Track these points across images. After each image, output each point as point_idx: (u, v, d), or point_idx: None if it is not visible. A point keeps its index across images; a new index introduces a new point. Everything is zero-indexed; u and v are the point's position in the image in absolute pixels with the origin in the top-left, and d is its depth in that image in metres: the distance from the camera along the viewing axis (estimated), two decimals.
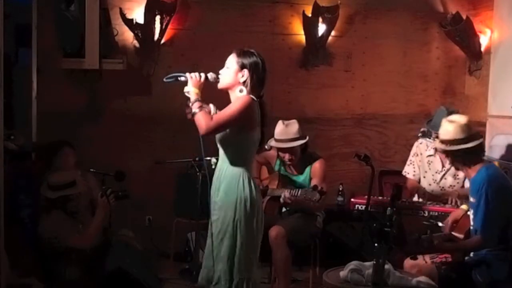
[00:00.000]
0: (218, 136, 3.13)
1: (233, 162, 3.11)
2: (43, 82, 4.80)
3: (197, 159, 4.56)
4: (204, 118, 3.03)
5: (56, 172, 4.04)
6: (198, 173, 4.54)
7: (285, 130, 4.33)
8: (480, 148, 3.57)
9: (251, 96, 3.08)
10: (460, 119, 3.57)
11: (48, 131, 4.70)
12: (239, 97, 3.08)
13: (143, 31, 4.94)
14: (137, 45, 5.02)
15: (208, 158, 4.48)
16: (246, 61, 3.12)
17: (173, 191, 4.97)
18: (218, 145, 3.18)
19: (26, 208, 4.23)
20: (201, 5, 5.21)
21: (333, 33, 5.46)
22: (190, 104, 3.09)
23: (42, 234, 3.84)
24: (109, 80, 4.95)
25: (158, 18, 4.91)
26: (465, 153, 3.48)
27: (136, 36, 4.98)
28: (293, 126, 4.35)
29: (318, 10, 5.30)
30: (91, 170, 4.29)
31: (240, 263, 3.07)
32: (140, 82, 5.12)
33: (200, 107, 3.06)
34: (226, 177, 3.12)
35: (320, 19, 5.32)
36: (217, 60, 5.11)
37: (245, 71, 3.10)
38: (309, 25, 5.36)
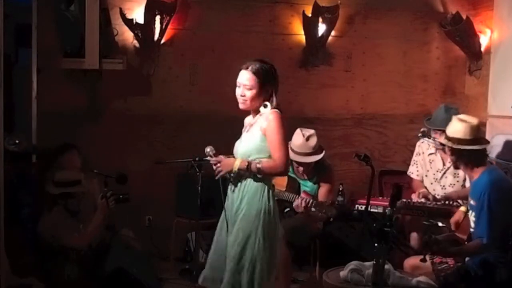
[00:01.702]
0: (244, 152, 3.15)
1: (260, 177, 3.12)
2: (43, 82, 4.80)
3: (197, 159, 4.56)
4: (269, 167, 3.08)
5: (63, 170, 4.04)
6: (198, 173, 4.54)
7: (305, 144, 4.31)
8: (485, 152, 3.57)
9: (277, 110, 3.11)
10: (471, 119, 3.55)
11: (48, 131, 4.70)
12: (270, 118, 3.09)
13: (143, 31, 4.94)
14: (137, 45, 5.02)
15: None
16: (266, 78, 3.13)
17: (173, 191, 4.97)
18: (240, 158, 3.17)
19: (26, 208, 4.23)
20: (201, 5, 5.21)
21: (333, 33, 5.46)
22: (249, 173, 3.11)
23: (41, 232, 3.84)
24: (109, 80, 4.94)
25: (158, 18, 4.91)
26: (470, 154, 3.47)
27: (136, 36, 4.97)
28: (313, 139, 4.33)
29: (318, 10, 5.30)
30: (95, 171, 4.29)
31: (262, 273, 3.06)
32: (140, 82, 5.12)
33: (255, 167, 3.07)
34: (250, 189, 3.12)
35: (320, 19, 5.32)
36: (217, 60, 5.18)
37: (268, 88, 3.13)
38: (309, 25, 5.36)
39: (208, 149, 3.23)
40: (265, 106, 3.13)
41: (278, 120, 3.07)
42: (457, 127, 3.52)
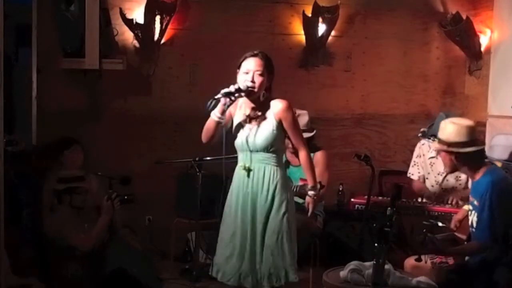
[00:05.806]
0: (264, 145, 3.21)
1: (280, 164, 3.26)
2: (43, 82, 4.80)
3: (197, 159, 4.56)
4: (310, 162, 3.35)
5: (65, 167, 4.08)
6: (198, 173, 4.54)
7: None
8: (483, 152, 3.52)
9: None
10: (464, 121, 3.47)
11: (48, 131, 4.70)
12: (282, 106, 3.20)
13: (143, 31, 4.94)
14: (137, 45, 5.02)
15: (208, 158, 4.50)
16: (271, 68, 3.24)
17: (173, 191, 4.97)
18: (262, 151, 3.23)
19: (26, 208, 4.23)
20: (201, 5, 5.21)
21: (333, 33, 5.46)
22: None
23: (48, 231, 3.85)
24: (109, 80, 4.94)
25: (158, 18, 4.91)
26: (468, 156, 3.40)
27: (136, 36, 4.97)
28: (303, 118, 4.32)
29: (318, 10, 5.31)
30: (98, 174, 4.29)
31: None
32: (140, 82, 5.12)
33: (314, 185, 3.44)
34: (275, 178, 3.24)
35: (320, 19, 5.32)
36: (217, 60, 5.18)
37: (270, 79, 3.23)
38: (309, 25, 5.36)
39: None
40: (264, 95, 3.22)
41: (292, 109, 3.23)
42: (451, 130, 3.42)
